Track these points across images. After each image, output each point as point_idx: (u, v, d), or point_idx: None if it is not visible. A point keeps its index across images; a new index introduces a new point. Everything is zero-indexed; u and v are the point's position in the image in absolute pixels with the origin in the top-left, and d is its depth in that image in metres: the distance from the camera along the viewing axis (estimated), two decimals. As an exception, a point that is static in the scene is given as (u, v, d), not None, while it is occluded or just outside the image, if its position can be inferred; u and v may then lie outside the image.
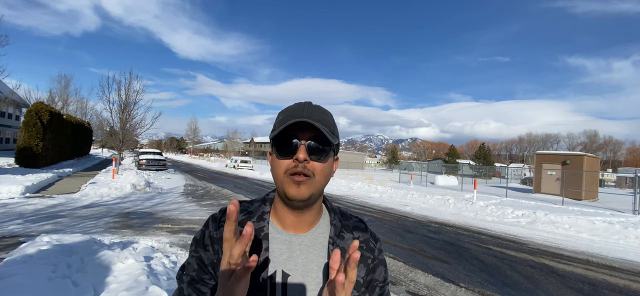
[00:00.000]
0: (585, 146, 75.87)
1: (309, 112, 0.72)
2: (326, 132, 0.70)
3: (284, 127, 0.69)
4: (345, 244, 0.78)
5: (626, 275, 5.22)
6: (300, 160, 0.69)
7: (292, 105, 0.77)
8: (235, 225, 0.58)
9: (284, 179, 0.71)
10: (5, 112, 31.70)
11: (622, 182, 40.47)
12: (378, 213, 10.24)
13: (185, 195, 12.02)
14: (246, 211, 0.79)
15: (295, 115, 0.71)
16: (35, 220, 6.47)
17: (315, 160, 0.71)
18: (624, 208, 12.99)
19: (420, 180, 24.50)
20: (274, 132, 0.73)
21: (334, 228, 0.79)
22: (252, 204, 0.82)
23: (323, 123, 0.71)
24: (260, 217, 0.77)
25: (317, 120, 0.71)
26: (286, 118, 0.72)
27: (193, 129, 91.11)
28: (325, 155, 0.73)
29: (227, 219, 0.57)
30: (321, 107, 0.77)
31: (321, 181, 0.73)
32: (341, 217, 0.83)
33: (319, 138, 0.71)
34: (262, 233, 0.75)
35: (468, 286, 4.33)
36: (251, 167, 31.88)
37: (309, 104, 0.75)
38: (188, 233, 6.37)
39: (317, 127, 0.69)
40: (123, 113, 17.67)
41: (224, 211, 0.77)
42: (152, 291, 2.92)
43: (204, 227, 0.77)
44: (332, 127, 0.75)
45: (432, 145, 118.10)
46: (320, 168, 0.72)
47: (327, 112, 0.77)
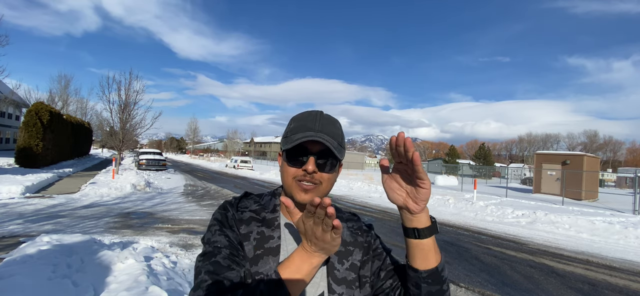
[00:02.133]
0: (585, 146, 75.87)
1: (321, 125, 0.77)
2: (335, 147, 0.76)
3: (297, 143, 0.75)
4: (342, 233, 0.84)
5: (626, 275, 5.22)
6: (309, 172, 0.75)
7: (304, 113, 0.82)
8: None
9: (292, 184, 0.77)
10: (5, 112, 31.71)
11: (622, 182, 40.51)
12: (378, 213, 10.24)
13: (185, 195, 12.02)
14: (259, 203, 0.85)
15: (308, 126, 0.77)
16: (35, 220, 6.47)
17: (322, 171, 0.76)
18: (624, 208, 12.98)
19: (420, 180, 24.45)
20: (286, 142, 0.78)
21: None
22: (262, 197, 0.87)
23: (333, 136, 0.77)
24: (273, 209, 0.83)
25: (328, 133, 0.77)
26: (298, 128, 0.78)
27: (193, 129, 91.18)
28: (333, 167, 0.78)
29: (289, 209, 0.75)
30: (331, 117, 0.82)
31: (327, 188, 0.78)
32: (337, 211, 0.88)
33: (327, 151, 0.76)
34: (276, 222, 0.81)
35: (468, 286, 4.34)
36: (251, 167, 31.90)
37: (321, 115, 0.80)
38: (188, 233, 6.37)
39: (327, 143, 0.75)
40: (123, 113, 17.69)
41: (239, 199, 0.85)
42: (152, 291, 2.92)
43: (223, 210, 0.80)
44: (341, 139, 0.80)
45: (432, 145, 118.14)
46: (327, 177, 0.78)
47: (336, 123, 0.81)
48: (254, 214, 0.81)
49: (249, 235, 0.77)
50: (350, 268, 0.81)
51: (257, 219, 0.80)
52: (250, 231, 0.78)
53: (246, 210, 0.82)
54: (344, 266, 0.80)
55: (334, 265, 0.79)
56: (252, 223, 0.79)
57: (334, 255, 0.79)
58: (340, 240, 0.66)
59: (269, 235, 0.78)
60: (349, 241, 0.84)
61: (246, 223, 0.79)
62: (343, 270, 0.80)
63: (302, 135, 0.75)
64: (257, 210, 0.82)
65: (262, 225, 0.79)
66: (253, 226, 0.79)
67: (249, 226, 0.79)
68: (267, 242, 0.77)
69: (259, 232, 0.78)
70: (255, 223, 0.79)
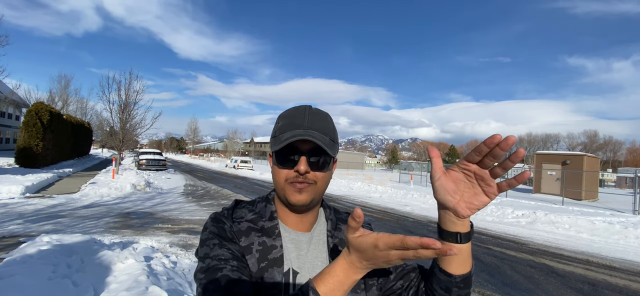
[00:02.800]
0: (585, 146, 75.81)
1: (310, 121, 0.73)
2: (326, 144, 0.71)
3: (285, 144, 0.70)
4: (342, 235, 0.81)
5: (626, 275, 5.22)
6: (301, 172, 0.71)
7: (291, 110, 0.77)
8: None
9: (285, 186, 0.74)
10: (5, 112, 31.71)
11: (622, 182, 40.44)
12: (378, 213, 10.24)
13: (185, 195, 12.02)
14: (254, 211, 0.80)
15: (296, 124, 0.72)
16: (35, 220, 6.47)
17: (315, 170, 0.73)
18: (624, 208, 12.98)
19: (420, 180, 24.50)
20: (275, 142, 0.74)
21: (330, 222, 0.83)
22: (255, 204, 0.82)
23: (324, 132, 0.73)
24: (270, 216, 0.78)
25: (318, 128, 0.72)
26: (287, 125, 0.73)
27: (193, 129, 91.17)
28: (326, 164, 0.74)
29: (359, 223, 0.58)
30: (320, 111, 0.77)
31: (322, 187, 0.75)
32: (335, 212, 0.87)
33: (319, 149, 0.72)
34: (276, 230, 0.76)
35: (468, 286, 4.33)
36: (251, 167, 31.87)
37: (309, 109, 0.76)
38: (188, 233, 6.37)
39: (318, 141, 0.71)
40: (123, 113, 17.69)
41: (232, 208, 0.80)
42: (152, 291, 2.92)
43: (218, 223, 0.74)
44: (332, 133, 0.76)
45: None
46: (321, 176, 0.74)
47: (327, 117, 0.77)
48: (251, 224, 0.76)
49: (251, 246, 0.73)
50: None
51: (256, 229, 0.76)
52: (252, 243, 0.73)
53: (242, 220, 0.77)
54: None
55: None
56: (252, 233, 0.75)
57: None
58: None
59: (271, 245, 0.74)
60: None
61: (245, 234, 0.74)
62: None
63: (290, 134, 0.71)
64: (254, 219, 0.77)
65: (263, 235, 0.75)
66: (253, 237, 0.74)
67: (249, 238, 0.74)
68: (270, 253, 0.73)
69: (260, 243, 0.74)
70: (255, 233, 0.75)
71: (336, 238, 0.81)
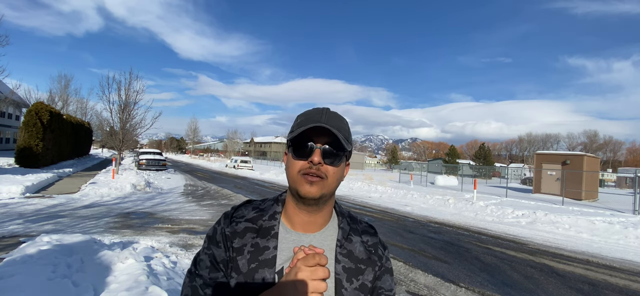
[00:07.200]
0: (585, 146, 75.81)
1: (327, 118, 0.75)
2: (341, 138, 0.73)
3: (303, 130, 0.72)
4: (353, 247, 0.80)
5: (626, 275, 5.22)
6: (314, 163, 0.72)
7: (311, 110, 0.79)
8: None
9: (297, 178, 0.74)
10: (5, 112, 31.66)
11: (622, 182, 40.47)
12: (378, 213, 10.24)
13: (185, 195, 12.02)
14: (258, 209, 0.81)
15: (313, 119, 0.74)
16: (35, 220, 6.47)
17: (328, 164, 0.74)
18: (624, 208, 12.98)
19: (420, 180, 24.48)
20: (292, 133, 0.76)
21: (342, 231, 0.81)
22: (264, 202, 0.84)
23: (339, 130, 0.74)
24: (271, 216, 0.79)
25: (334, 126, 0.74)
26: (304, 121, 0.75)
27: (193, 129, 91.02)
28: (339, 159, 0.75)
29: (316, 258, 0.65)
30: (338, 113, 0.80)
31: (333, 183, 0.75)
32: (350, 221, 0.85)
33: (334, 143, 0.74)
34: (272, 231, 0.77)
35: (468, 287, 4.33)
36: (251, 167, 31.88)
37: (327, 110, 0.78)
38: (188, 233, 6.37)
39: (333, 133, 0.72)
40: (123, 113, 17.67)
41: (237, 207, 0.82)
42: (152, 291, 2.92)
43: (216, 224, 0.80)
44: (347, 134, 0.78)
45: (432, 145, 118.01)
46: (333, 171, 0.74)
47: (343, 120, 0.79)
48: (249, 224, 0.77)
49: (243, 248, 0.74)
50: (360, 288, 0.76)
51: (253, 229, 0.77)
52: (245, 244, 0.75)
53: (242, 220, 0.78)
54: (353, 285, 0.76)
55: (342, 282, 0.75)
56: (247, 235, 0.76)
57: (343, 272, 0.76)
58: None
59: (264, 246, 0.75)
60: (362, 258, 0.79)
61: (240, 235, 0.76)
62: (351, 289, 0.75)
63: (308, 124, 0.73)
64: (254, 218, 0.79)
65: (258, 236, 0.76)
66: (248, 238, 0.76)
67: (243, 239, 0.75)
68: (262, 254, 0.74)
69: (253, 244, 0.75)
70: (250, 234, 0.76)
71: (345, 249, 0.79)
